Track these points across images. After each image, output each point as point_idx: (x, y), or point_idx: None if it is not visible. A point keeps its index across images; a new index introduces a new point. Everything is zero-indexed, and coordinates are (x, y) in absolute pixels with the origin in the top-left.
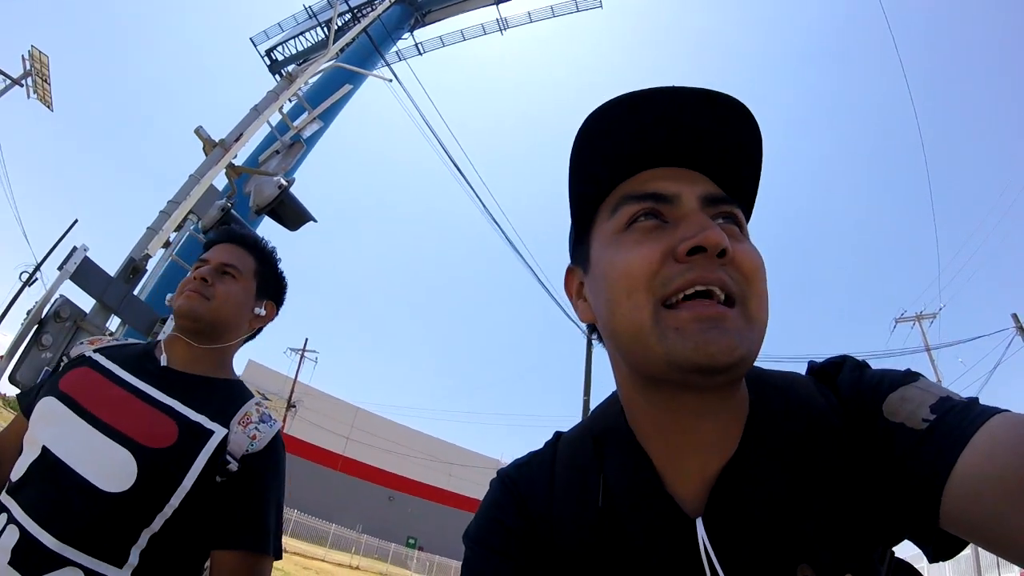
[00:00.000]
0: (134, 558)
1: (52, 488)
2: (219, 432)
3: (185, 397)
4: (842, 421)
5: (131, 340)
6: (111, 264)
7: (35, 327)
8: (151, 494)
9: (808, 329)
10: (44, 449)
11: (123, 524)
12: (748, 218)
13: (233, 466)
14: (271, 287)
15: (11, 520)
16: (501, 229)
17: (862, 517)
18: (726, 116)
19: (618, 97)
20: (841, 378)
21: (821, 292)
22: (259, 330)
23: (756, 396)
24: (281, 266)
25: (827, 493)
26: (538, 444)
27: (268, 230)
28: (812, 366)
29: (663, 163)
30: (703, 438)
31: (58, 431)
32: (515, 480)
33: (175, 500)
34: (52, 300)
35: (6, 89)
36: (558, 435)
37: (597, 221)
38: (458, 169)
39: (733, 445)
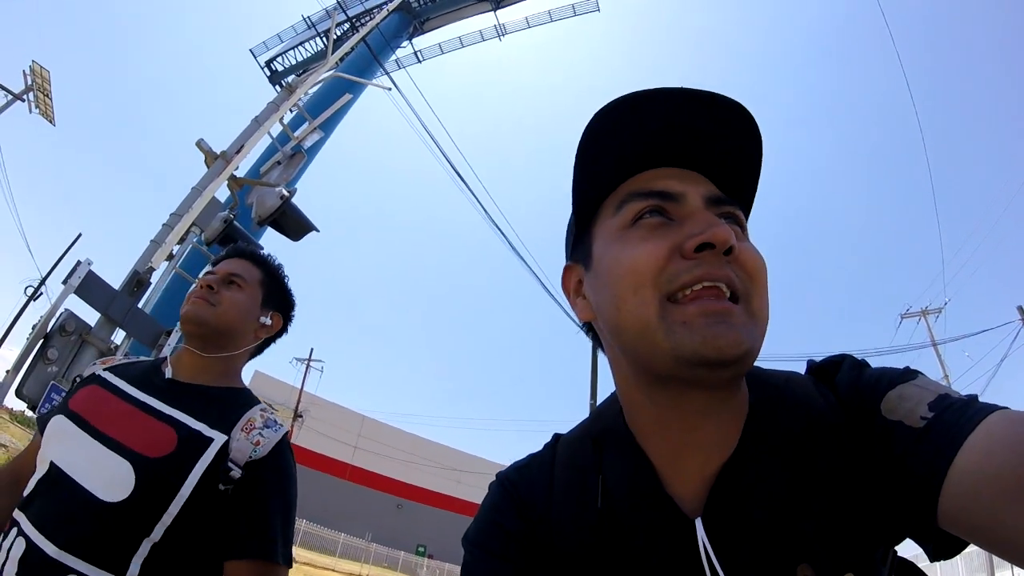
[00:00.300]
0: (135, 568)
1: (56, 500)
2: (219, 439)
3: (188, 407)
4: (841, 420)
5: (141, 358)
6: (115, 277)
7: (41, 341)
8: (149, 502)
9: (811, 328)
10: (52, 464)
11: (123, 533)
12: (746, 220)
13: (236, 473)
14: (277, 298)
15: (20, 532)
16: (503, 234)
17: (862, 516)
18: (728, 119)
19: (623, 97)
20: (840, 377)
21: (824, 291)
22: (267, 343)
23: (755, 395)
24: (289, 283)
25: (827, 492)
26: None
27: (271, 241)
28: (811, 365)
29: (666, 163)
30: (703, 437)
31: (65, 447)
32: (514, 482)
33: (173, 508)
34: (57, 314)
35: (8, 104)
36: (557, 437)
37: (600, 218)
38: (459, 175)
39: (732, 444)
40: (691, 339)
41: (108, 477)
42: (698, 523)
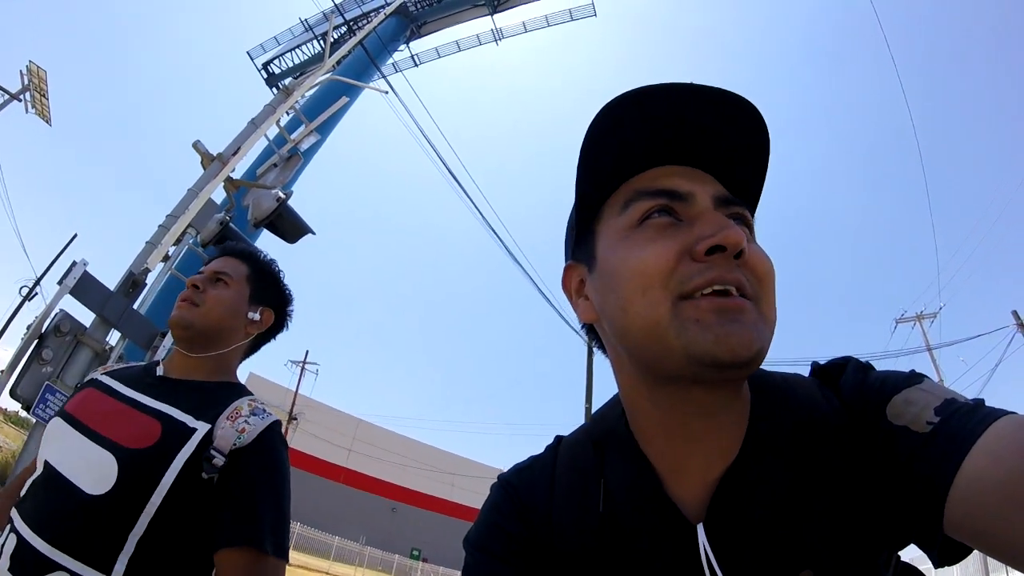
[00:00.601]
0: (120, 565)
1: (47, 496)
2: (202, 429)
3: (176, 400)
4: (845, 423)
5: (141, 363)
6: (111, 278)
7: (35, 342)
8: (132, 493)
9: (808, 331)
10: (46, 464)
11: (108, 526)
12: (752, 220)
13: (219, 461)
14: (267, 294)
15: (12, 529)
16: (499, 237)
17: (866, 521)
18: (735, 116)
19: (629, 92)
20: (844, 379)
21: (820, 293)
22: (261, 340)
23: (758, 398)
24: (283, 278)
25: (830, 497)
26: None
27: (267, 243)
28: (815, 367)
29: (672, 161)
30: (706, 442)
31: (58, 446)
32: (515, 485)
33: (156, 499)
34: (52, 315)
35: (4, 104)
36: (559, 439)
37: (604, 217)
38: (455, 179)
39: (735, 448)
40: (704, 337)
41: (94, 471)
42: (700, 529)
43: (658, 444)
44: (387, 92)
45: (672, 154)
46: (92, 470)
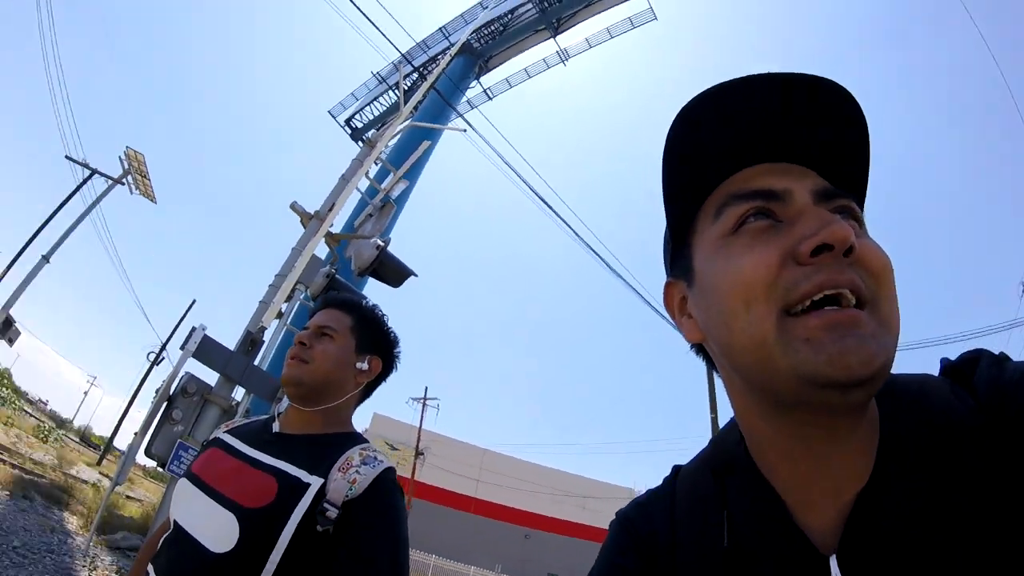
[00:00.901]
0: None
1: (177, 554)
2: (315, 484)
3: (291, 456)
4: (984, 429)
5: (261, 418)
6: (230, 337)
7: (165, 404)
8: (253, 552)
9: (927, 308)
10: (175, 522)
11: None
12: (862, 212)
13: (332, 513)
14: (373, 342)
15: None
16: (600, 257)
17: (1017, 541)
18: (826, 102)
19: (709, 89)
20: (978, 376)
21: (936, 265)
22: (372, 386)
23: (887, 409)
24: (387, 322)
25: (977, 516)
26: (668, 469)
27: (373, 289)
28: (945, 364)
29: (763, 159)
30: (834, 464)
31: (185, 506)
32: (633, 520)
33: (275, 556)
34: (178, 378)
35: (109, 189)
36: (676, 469)
37: (698, 227)
38: (546, 204)
39: (867, 469)
40: (816, 358)
41: (216, 530)
42: (832, 561)
43: (781, 469)
44: (465, 130)
45: (762, 151)
46: (215, 529)
